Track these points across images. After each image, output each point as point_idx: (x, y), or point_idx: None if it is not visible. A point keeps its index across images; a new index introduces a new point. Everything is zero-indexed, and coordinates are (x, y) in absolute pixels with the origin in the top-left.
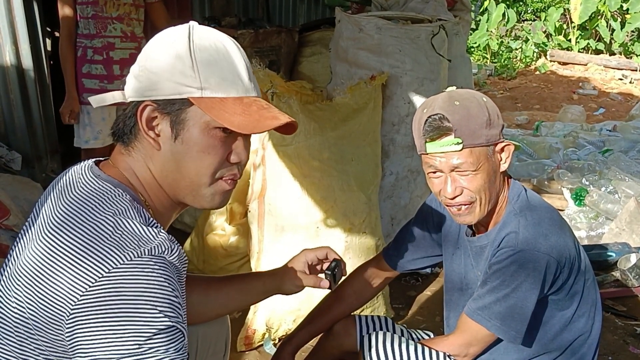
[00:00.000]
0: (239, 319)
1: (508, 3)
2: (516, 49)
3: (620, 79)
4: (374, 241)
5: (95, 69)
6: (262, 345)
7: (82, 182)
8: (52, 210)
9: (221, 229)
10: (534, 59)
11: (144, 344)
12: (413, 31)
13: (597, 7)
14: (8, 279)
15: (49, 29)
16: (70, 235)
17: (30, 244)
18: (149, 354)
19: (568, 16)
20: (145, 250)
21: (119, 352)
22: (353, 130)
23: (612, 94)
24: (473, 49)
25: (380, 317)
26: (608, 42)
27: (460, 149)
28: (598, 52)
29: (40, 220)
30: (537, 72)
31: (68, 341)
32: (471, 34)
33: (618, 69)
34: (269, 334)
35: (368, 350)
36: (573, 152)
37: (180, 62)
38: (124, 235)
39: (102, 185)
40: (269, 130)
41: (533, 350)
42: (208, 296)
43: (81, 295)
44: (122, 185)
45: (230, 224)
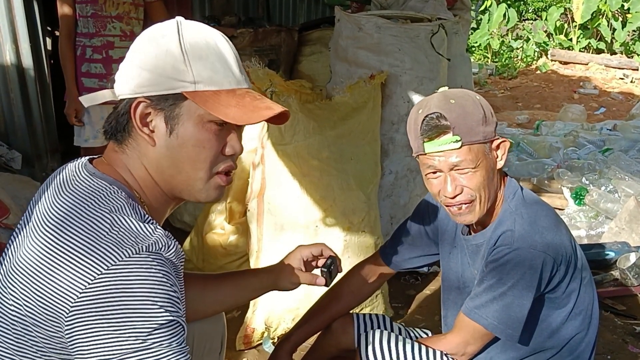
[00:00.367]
0: (238, 318)
1: (509, 2)
2: (517, 49)
3: (621, 79)
4: (373, 240)
5: (95, 68)
6: (261, 344)
7: (77, 180)
8: (48, 207)
9: (220, 228)
10: (535, 58)
11: (146, 339)
12: (412, 30)
13: (598, 7)
14: (4, 276)
15: (49, 28)
16: (67, 232)
17: (26, 242)
18: (152, 349)
19: (569, 15)
20: (142, 247)
21: (121, 349)
22: (352, 129)
23: (613, 94)
24: (474, 49)
25: (378, 315)
26: (609, 42)
27: (459, 147)
28: (599, 52)
29: (35, 217)
30: (538, 72)
31: (67, 338)
32: (472, 34)
33: (619, 69)
34: (267, 333)
35: (365, 348)
36: (573, 152)
37: (171, 57)
38: (121, 232)
39: (97, 183)
40: (263, 120)
41: (530, 349)
42: (205, 293)
43: (81, 292)
44: (117, 183)
45: (229, 223)
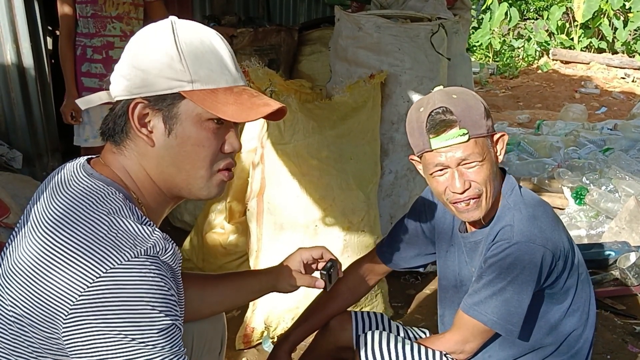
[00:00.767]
0: (237, 317)
1: (510, 2)
2: (518, 48)
3: (623, 78)
4: (373, 240)
5: (95, 68)
6: (261, 343)
7: (75, 181)
8: (45, 208)
9: (220, 228)
10: (536, 57)
11: (145, 343)
12: (412, 30)
13: (600, 6)
14: (2, 277)
15: (49, 28)
16: (65, 234)
17: (23, 243)
18: (149, 352)
19: (570, 15)
20: (141, 250)
21: (119, 352)
22: (352, 129)
23: (614, 93)
24: (475, 48)
25: (376, 314)
26: (610, 41)
27: (467, 140)
28: (600, 51)
29: (33, 218)
30: (539, 71)
31: (64, 340)
32: (473, 33)
33: (620, 68)
34: (267, 332)
35: (364, 349)
36: (574, 151)
37: (168, 57)
38: (119, 234)
39: (94, 184)
40: (262, 117)
41: (529, 345)
42: (204, 293)
43: (79, 295)
44: (115, 184)
45: (229, 223)
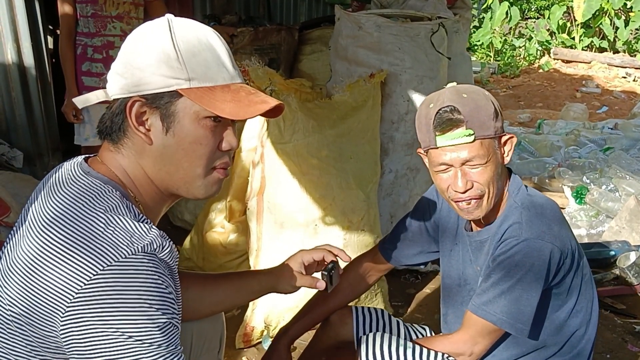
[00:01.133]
0: (237, 316)
1: (512, 1)
2: (519, 47)
3: (624, 77)
4: (373, 239)
5: (95, 67)
6: (261, 342)
7: (72, 180)
8: (43, 207)
9: (220, 227)
10: (538, 57)
11: (142, 340)
12: (412, 29)
13: (601, 5)
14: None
15: (50, 27)
16: (62, 232)
17: (22, 241)
18: (147, 350)
19: (572, 14)
20: (138, 247)
21: (117, 349)
22: (352, 128)
23: (616, 92)
24: (476, 47)
25: (376, 309)
26: (612, 40)
27: (472, 141)
28: (602, 50)
29: (30, 217)
30: (541, 70)
31: (62, 338)
32: (474, 32)
33: (622, 67)
34: (267, 331)
35: (365, 351)
36: (574, 150)
37: (165, 55)
38: (116, 232)
39: (92, 182)
40: (259, 114)
41: (532, 345)
42: (204, 293)
43: (77, 292)
44: (112, 182)
45: (229, 222)
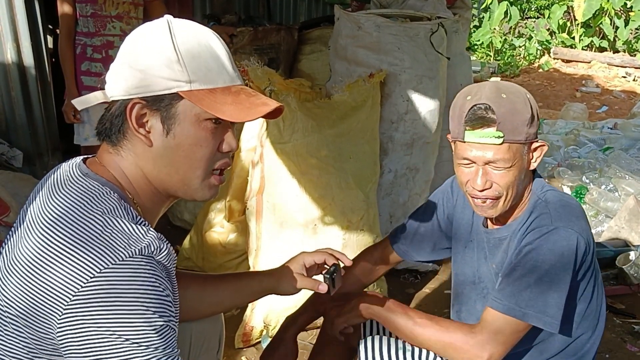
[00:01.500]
0: (236, 316)
1: (511, 0)
2: (519, 47)
3: (624, 77)
4: (372, 239)
5: (95, 67)
6: (260, 342)
7: (70, 181)
8: (41, 208)
9: (220, 226)
10: (537, 56)
11: (139, 343)
12: (412, 29)
13: (601, 5)
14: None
15: (50, 26)
16: (60, 234)
17: (20, 243)
18: (143, 353)
19: (572, 14)
20: (135, 250)
21: (113, 352)
22: (351, 128)
23: (615, 92)
24: (476, 47)
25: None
26: (612, 40)
27: (500, 143)
28: (602, 50)
29: (28, 218)
30: (540, 70)
31: (59, 340)
32: (474, 32)
33: (621, 67)
34: (266, 331)
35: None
36: (574, 150)
37: (165, 58)
38: (113, 234)
39: (90, 184)
40: (260, 117)
41: (539, 340)
42: (203, 293)
43: (74, 295)
44: (110, 184)
45: (229, 221)
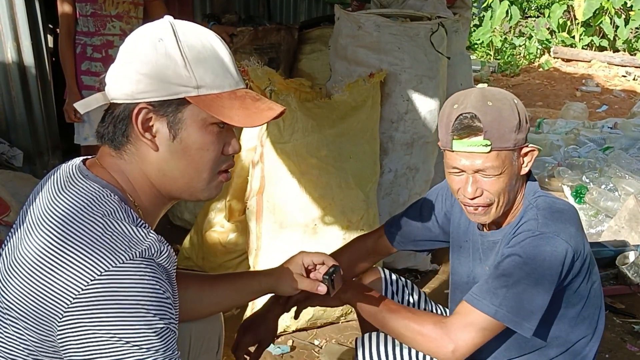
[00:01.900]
0: (236, 316)
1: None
2: (519, 46)
3: (624, 76)
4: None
5: (95, 67)
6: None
7: (70, 183)
8: (41, 209)
9: (220, 226)
10: (538, 55)
11: (139, 346)
12: (412, 29)
13: (601, 4)
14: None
15: (50, 26)
16: (60, 236)
17: (20, 244)
18: (143, 355)
19: (572, 13)
20: (135, 253)
21: (113, 354)
22: (351, 128)
23: (616, 91)
24: (477, 46)
25: (402, 278)
26: (612, 39)
27: (488, 151)
28: (602, 49)
29: (28, 220)
30: (541, 69)
31: (59, 342)
32: (474, 31)
33: (622, 66)
34: None
35: (362, 351)
36: (574, 150)
37: (172, 62)
38: (114, 236)
39: (90, 186)
40: (267, 122)
41: (536, 346)
42: (203, 293)
43: (74, 297)
44: (110, 186)
45: (229, 221)
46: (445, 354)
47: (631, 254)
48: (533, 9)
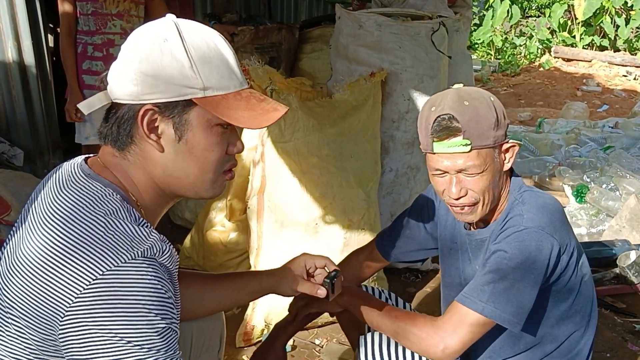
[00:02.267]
0: (238, 315)
1: None
2: (520, 46)
3: (625, 76)
4: (373, 238)
5: (96, 65)
6: (261, 340)
7: (72, 182)
8: (43, 209)
9: (221, 225)
10: (538, 55)
11: (141, 347)
12: (413, 28)
13: (602, 4)
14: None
15: (51, 25)
16: (62, 235)
17: (22, 243)
18: (145, 355)
19: (572, 12)
20: (138, 252)
21: (115, 354)
22: (352, 127)
23: (616, 91)
24: (477, 45)
25: (380, 289)
26: (612, 39)
27: (469, 150)
28: (602, 49)
29: (30, 219)
30: (541, 69)
31: (61, 342)
32: (475, 30)
33: (622, 66)
34: (267, 330)
35: (364, 351)
36: (575, 149)
37: (178, 64)
38: (116, 236)
39: (92, 185)
40: (273, 123)
41: (529, 342)
42: (204, 293)
43: (76, 297)
44: (112, 185)
45: (230, 220)
46: (435, 352)
47: (632, 254)
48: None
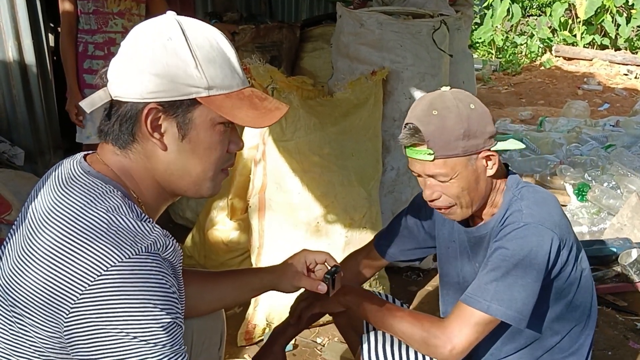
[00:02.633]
0: (239, 314)
1: None
2: (521, 45)
3: (625, 75)
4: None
5: (97, 65)
6: (262, 340)
7: (73, 179)
8: (43, 206)
9: (222, 224)
10: (539, 54)
11: (146, 341)
12: (414, 26)
13: (603, 2)
14: (2, 276)
15: (51, 24)
16: (64, 232)
17: (23, 240)
18: (151, 350)
19: (573, 11)
20: (142, 247)
21: (121, 350)
22: (353, 126)
23: (617, 90)
24: (478, 44)
25: (382, 294)
26: (613, 38)
27: (432, 159)
28: (603, 48)
29: (30, 217)
30: (542, 68)
31: (66, 339)
32: (476, 29)
33: (623, 65)
34: (269, 329)
35: (367, 350)
36: (576, 148)
37: (183, 63)
38: (119, 231)
39: (93, 182)
40: (276, 122)
41: (531, 337)
42: (204, 290)
43: (80, 293)
44: (113, 182)
45: (231, 219)
46: (442, 353)
47: (634, 252)
48: (534, 7)
